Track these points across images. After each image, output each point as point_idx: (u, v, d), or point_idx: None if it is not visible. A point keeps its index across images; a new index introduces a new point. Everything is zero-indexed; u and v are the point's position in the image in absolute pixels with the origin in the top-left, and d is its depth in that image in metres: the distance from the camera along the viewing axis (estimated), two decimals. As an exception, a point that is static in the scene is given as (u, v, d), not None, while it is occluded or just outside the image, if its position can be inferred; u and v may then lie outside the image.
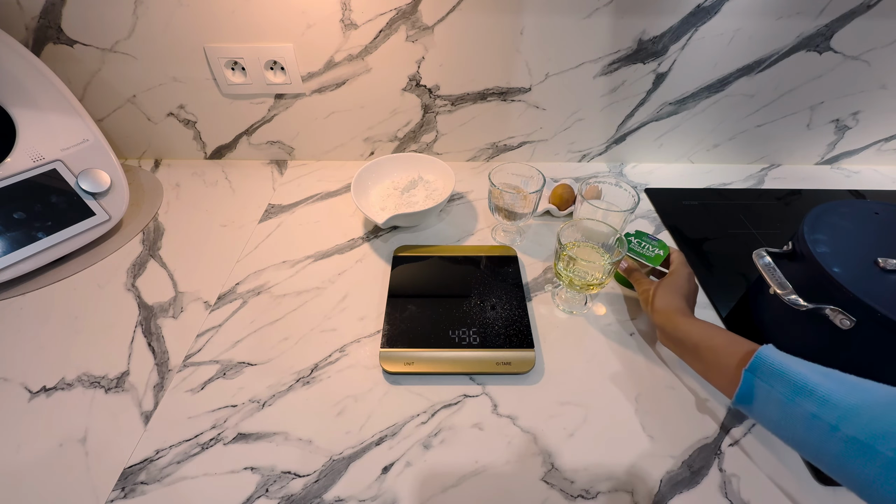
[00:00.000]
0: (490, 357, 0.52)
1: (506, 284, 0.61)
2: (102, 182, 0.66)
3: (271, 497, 0.42)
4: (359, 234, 0.72)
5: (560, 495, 0.43)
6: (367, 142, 0.86)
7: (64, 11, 0.67)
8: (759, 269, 0.52)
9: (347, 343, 0.56)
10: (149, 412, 0.49)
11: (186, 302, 0.60)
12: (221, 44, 0.71)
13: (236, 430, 0.47)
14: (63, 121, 0.66)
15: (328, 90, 0.77)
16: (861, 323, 0.44)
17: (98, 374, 0.52)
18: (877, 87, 0.77)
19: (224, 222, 0.74)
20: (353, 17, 0.69)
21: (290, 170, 0.86)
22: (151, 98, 0.78)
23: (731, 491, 0.43)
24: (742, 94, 0.78)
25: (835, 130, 0.84)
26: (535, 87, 0.77)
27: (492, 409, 0.49)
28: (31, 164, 0.63)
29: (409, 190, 0.74)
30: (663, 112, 0.81)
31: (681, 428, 0.48)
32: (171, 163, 0.87)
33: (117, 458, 0.45)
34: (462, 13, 0.68)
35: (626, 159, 0.90)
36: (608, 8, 0.67)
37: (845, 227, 0.52)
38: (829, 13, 0.68)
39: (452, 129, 0.83)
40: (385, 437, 0.47)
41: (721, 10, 0.68)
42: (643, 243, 0.60)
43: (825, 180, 0.87)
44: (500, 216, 0.66)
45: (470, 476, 0.44)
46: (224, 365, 0.53)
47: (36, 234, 0.61)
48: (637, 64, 0.74)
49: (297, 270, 0.65)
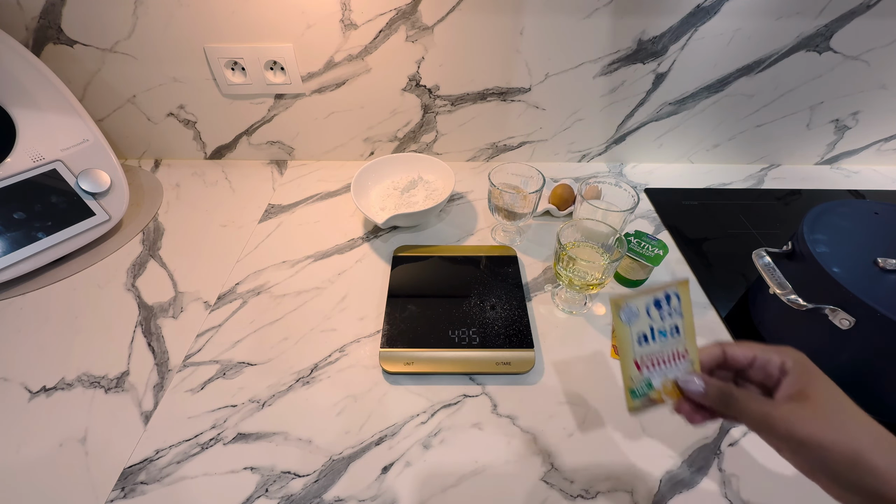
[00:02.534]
0: (490, 357, 0.52)
1: (506, 284, 0.61)
2: (102, 182, 0.67)
3: (271, 497, 0.42)
4: (359, 234, 0.72)
5: (560, 495, 0.43)
6: (367, 142, 0.86)
7: (64, 11, 0.67)
8: (758, 269, 0.52)
9: (347, 343, 0.56)
10: (149, 412, 0.49)
11: (186, 302, 0.60)
12: (221, 44, 0.71)
13: (236, 430, 0.47)
14: (63, 121, 0.66)
15: (328, 90, 0.77)
16: (861, 323, 0.44)
17: (98, 374, 0.52)
18: (876, 87, 0.77)
19: (224, 222, 0.74)
20: (352, 18, 0.69)
21: (290, 170, 0.86)
22: (151, 98, 0.78)
23: (730, 491, 0.43)
24: (742, 94, 0.78)
25: (834, 130, 0.84)
26: (534, 87, 0.77)
27: (491, 408, 0.49)
28: (32, 164, 0.63)
29: (409, 190, 0.74)
30: (663, 112, 0.81)
31: (681, 428, 0.48)
32: (171, 163, 0.87)
33: (117, 458, 0.45)
34: (462, 13, 0.68)
35: (625, 159, 0.90)
36: (608, 8, 0.67)
37: (845, 227, 0.52)
38: (829, 13, 0.68)
39: (452, 129, 0.83)
40: (385, 437, 0.47)
41: (721, 10, 0.68)
42: (643, 243, 0.60)
43: (825, 180, 0.87)
44: (499, 216, 0.66)
45: (470, 476, 0.44)
46: (224, 365, 0.53)
47: (36, 234, 0.61)
48: (637, 64, 0.74)
49: (297, 270, 0.65)
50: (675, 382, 0.34)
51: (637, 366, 0.34)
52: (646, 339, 0.34)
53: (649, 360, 0.34)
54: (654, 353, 0.34)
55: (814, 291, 0.47)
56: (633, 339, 0.34)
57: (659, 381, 0.34)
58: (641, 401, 0.35)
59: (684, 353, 0.34)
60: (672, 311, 0.34)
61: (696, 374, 0.33)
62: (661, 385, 0.34)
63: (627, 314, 0.34)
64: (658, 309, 0.34)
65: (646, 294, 0.34)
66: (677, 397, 0.34)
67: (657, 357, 0.34)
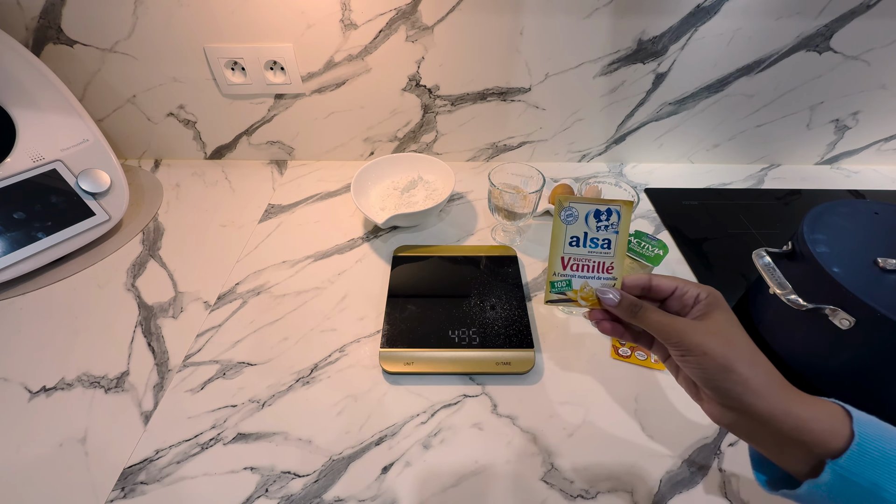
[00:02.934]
0: (490, 357, 0.52)
1: (505, 284, 0.61)
2: (102, 182, 0.67)
3: (271, 497, 0.42)
4: (359, 234, 0.72)
5: (560, 495, 0.43)
6: (366, 142, 0.86)
7: (64, 11, 0.67)
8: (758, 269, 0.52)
9: (347, 343, 0.56)
10: (149, 412, 0.49)
11: (186, 302, 0.60)
12: (221, 44, 0.71)
13: (236, 430, 0.47)
14: (63, 121, 0.66)
15: (328, 90, 0.77)
16: (861, 323, 0.44)
17: (98, 374, 0.52)
18: (877, 87, 0.77)
19: (224, 222, 0.74)
20: (352, 17, 0.69)
21: (289, 170, 0.86)
22: (151, 98, 0.78)
23: (730, 491, 0.43)
24: (742, 94, 0.78)
25: (835, 130, 0.84)
26: (534, 87, 0.77)
27: (491, 408, 0.49)
28: (31, 164, 0.63)
29: (409, 190, 0.74)
30: (663, 112, 0.81)
31: (681, 428, 0.48)
32: (171, 163, 0.87)
33: (117, 458, 0.45)
34: (462, 13, 0.68)
35: (625, 159, 0.90)
36: (608, 8, 0.67)
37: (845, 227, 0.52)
38: (829, 13, 0.68)
39: (452, 129, 0.83)
40: (385, 437, 0.47)
41: (721, 10, 0.68)
42: (643, 243, 0.60)
43: (825, 180, 0.87)
44: (499, 216, 0.66)
45: (469, 476, 0.44)
46: (224, 365, 0.53)
47: (36, 234, 0.61)
48: (637, 64, 0.74)
49: (297, 270, 0.65)
50: (594, 290, 0.37)
51: (563, 263, 0.38)
52: (577, 243, 0.38)
53: (575, 263, 0.38)
54: (582, 258, 0.38)
55: (814, 291, 0.47)
56: (566, 237, 0.38)
57: (579, 283, 0.38)
58: (557, 295, 0.39)
59: (610, 267, 0.38)
60: (609, 226, 0.37)
61: (614, 289, 0.37)
62: (580, 287, 0.38)
63: (566, 214, 0.37)
64: (597, 220, 0.38)
65: (590, 202, 0.37)
66: (592, 305, 0.38)
67: (584, 262, 0.38)
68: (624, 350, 0.55)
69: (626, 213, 0.37)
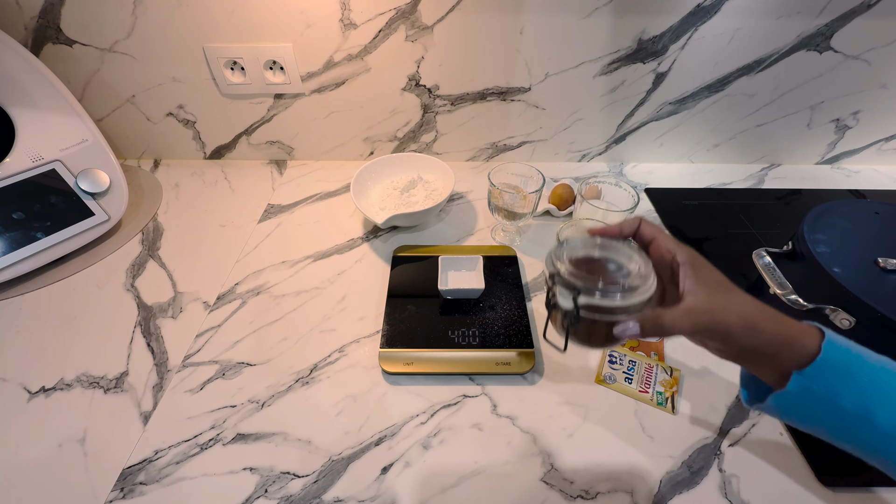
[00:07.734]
0: (490, 357, 0.52)
1: (505, 284, 0.61)
2: (102, 182, 0.66)
3: (270, 497, 0.42)
4: (358, 234, 0.71)
5: (559, 496, 0.43)
6: (366, 142, 0.85)
7: (63, 11, 0.67)
8: (759, 269, 0.52)
9: (347, 343, 0.56)
10: (148, 412, 0.49)
11: (186, 302, 0.60)
12: (220, 44, 0.71)
13: (235, 431, 0.47)
14: (62, 121, 0.66)
15: (328, 90, 0.77)
16: (861, 323, 0.44)
17: (97, 374, 0.52)
18: (877, 87, 0.77)
19: (223, 222, 0.73)
20: (352, 17, 0.68)
21: (289, 170, 0.86)
22: (150, 98, 0.78)
23: (730, 491, 0.43)
24: (742, 94, 0.78)
25: (835, 130, 0.84)
26: (534, 86, 0.77)
27: (491, 409, 0.49)
28: (31, 164, 0.63)
29: (409, 190, 0.74)
30: (663, 112, 0.81)
31: (681, 428, 0.48)
32: (171, 163, 0.86)
33: (116, 459, 0.45)
34: (461, 13, 0.68)
35: (625, 159, 0.89)
36: (608, 7, 0.67)
37: (845, 227, 0.52)
38: (829, 13, 0.68)
39: (452, 128, 0.83)
40: (384, 438, 0.47)
41: (721, 9, 0.67)
42: None
43: (825, 180, 0.87)
44: (499, 216, 0.66)
45: (469, 476, 0.44)
46: (223, 365, 0.53)
47: (35, 234, 0.61)
48: (637, 63, 0.74)
49: (297, 270, 0.65)
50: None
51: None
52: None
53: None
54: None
55: (814, 291, 0.47)
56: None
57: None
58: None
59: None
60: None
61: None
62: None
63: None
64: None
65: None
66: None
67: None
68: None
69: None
